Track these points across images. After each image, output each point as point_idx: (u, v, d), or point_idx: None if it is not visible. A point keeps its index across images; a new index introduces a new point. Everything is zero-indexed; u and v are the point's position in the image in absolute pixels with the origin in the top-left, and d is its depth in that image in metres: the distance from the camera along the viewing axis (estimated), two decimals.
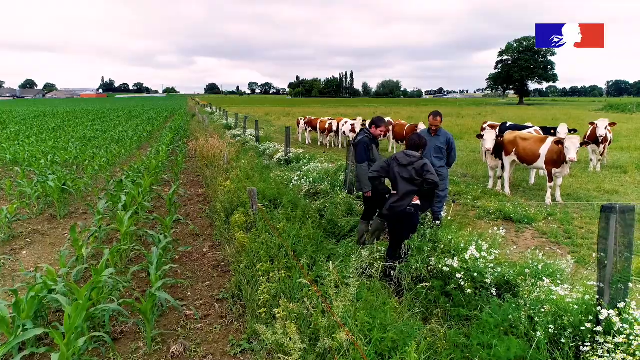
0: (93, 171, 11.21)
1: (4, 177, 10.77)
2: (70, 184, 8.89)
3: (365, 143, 6.41)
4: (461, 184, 12.26)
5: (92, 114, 43.46)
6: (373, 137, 6.36)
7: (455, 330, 3.80)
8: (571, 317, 3.37)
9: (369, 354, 2.85)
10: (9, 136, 21.42)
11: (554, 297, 3.57)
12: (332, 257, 4.89)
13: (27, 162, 11.97)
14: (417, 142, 5.10)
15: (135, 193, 7.80)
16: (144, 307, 3.82)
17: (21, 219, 8.25)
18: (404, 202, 4.79)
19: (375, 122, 6.48)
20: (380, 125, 6.33)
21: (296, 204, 6.16)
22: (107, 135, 21.70)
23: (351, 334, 2.85)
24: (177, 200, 9.13)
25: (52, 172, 10.19)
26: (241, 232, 5.56)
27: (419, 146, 5.11)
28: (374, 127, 6.36)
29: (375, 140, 6.46)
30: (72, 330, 3.28)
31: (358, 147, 6.50)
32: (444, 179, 6.47)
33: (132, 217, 6.44)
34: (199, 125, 28.25)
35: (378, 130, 6.32)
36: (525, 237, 8.24)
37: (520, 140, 10.63)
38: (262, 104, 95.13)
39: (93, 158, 13.19)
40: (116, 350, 3.89)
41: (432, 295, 4.41)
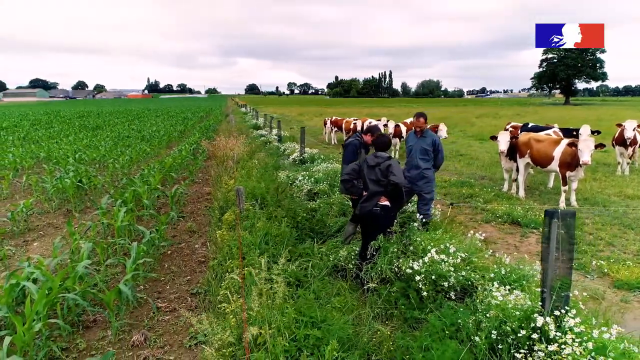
0: (114, 169, 11.77)
1: (32, 174, 11.48)
2: (85, 181, 9.40)
3: (355, 145, 6.43)
4: (476, 186, 12.01)
5: (133, 113, 45.31)
6: (364, 142, 6.36)
7: (403, 332, 3.81)
8: (513, 324, 3.31)
9: (290, 349, 2.92)
10: (51, 135, 22.72)
11: (497, 302, 3.50)
12: (295, 255, 4.97)
13: (56, 160, 12.71)
14: (385, 143, 5.10)
15: (142, 190, 8.15)
16: (107, 298, 4.06)
17: (39, 213, 8.80)
18: (371, 203, 4.81)
19: (370, 129, 6.43)
20: (374, 135, 6.26)
21: (280, 203, 6.27)
22: (140, 135, 22.60)
23: (273, 330, 2.93)
24: (185, 198, 9.45)
25: (75, 169, 10.78)
26: (223, 230, 5.73)
27: (386, 146, 5.10)
28: (369, 135, 6.32)
29: (366, 146, 6.44)
30: (32, 316, 3.53)
31: (347, 149, 6.53)
32: (429, 181, 6.39)
33: (129, 213, 6.75)
34: (229, 125, 28.90)
35: (370, 139, 6.29)
36: (529, 242, 8.02)
37: (535, 142, 10.29)
38: (299, 104, 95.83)
39: (118, 157, 13.83)
40: (83, 336, 4.15)
41: (393, 296, 4.41)
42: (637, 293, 5.92)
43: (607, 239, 7.80)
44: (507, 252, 7.59)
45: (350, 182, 5.14)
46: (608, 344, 2.86)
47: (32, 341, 3.51)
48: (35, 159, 14.06)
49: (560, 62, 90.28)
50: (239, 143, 12.14)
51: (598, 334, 3.02)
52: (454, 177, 13.37)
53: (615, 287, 6.11)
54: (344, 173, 5.32)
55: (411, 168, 6.45)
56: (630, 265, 6.50)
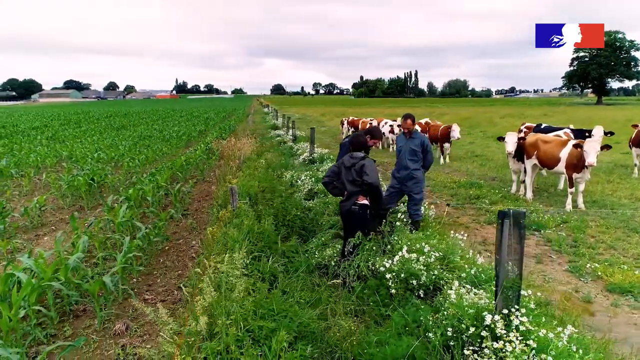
0: (128, 168, 12.21)
1: (53, 172, 12.04)
2: (96, 179, 9.82)
3: (347, 146, 6.52)
4: (485, 187, 11.91)
5: (158, 114, 46.44)
6: None
7: (367, 328, 3.92)
8: (467, 321, 3.38)
9: (243, 338, 3.08)
10: (77, 134, 23.61)
11: (453, 300, 3.57)
12: (278, 252, 5.13)
13: (75, 159, 13.28)
14: (362, 143, 5.20)
15: (147, 189, 8.48)
16: (92, 289, 4.32)
17: (53, 209, 9.25)
18: (349, 202, 4.92)
19: (370, 132, 6.29)
20: (374, 138, 6.20)
21: (271, 202, 6.45)
22: (162, 135, 23.23)
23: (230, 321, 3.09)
24: (192, 197, 9.75)
25: (91, 168, 11.26)
26: (214, 227, 5.95)
27: (362, 146, 5.20)
28: (368, 137, 6.25)
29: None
30: (18, 302, 3.81)
31: (342, 149, 6.62)
32: (418, 181, 6.43)
33: (132, 210, 7.06)
34: (247, 125, 29.32)
35: (370, 141, 6.27)
36: (528, 244, 7.94)
37: (542, 143, 10.15)
38: (323, 104, 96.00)
39: (135, 156, 14.32)
40: (71, 324, 4.42)
41: (367, 294, 4.52)
42: (628, 297, 5.84)
43: (609, 242, 7.67)
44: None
45: (330, 184, 5.25)
46: (550, 343, 2.91)
47: (17, 326, 3.80)
48: (58, 158, 14.70)
49: (592, 61, 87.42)
50: (247, 143, 12.40)
51: (545, 333, 3.07)
52: (464, 178, 13.27)
53: (608, 291, 6.03)
54: (325, 176, 5.44)
55: (400, 169, 6.51)
56: (625, 269, 6.39)
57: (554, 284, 6.35)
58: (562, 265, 6.97)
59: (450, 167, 15.47)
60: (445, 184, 12.78)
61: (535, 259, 7.23)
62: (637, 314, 5.45)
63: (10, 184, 11.49)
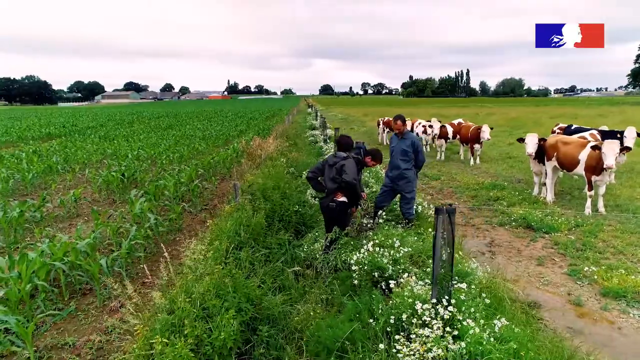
0: (161, 165, 13.08)
1: (94, 168, 13.13)
2: (126, 175, 10.66)
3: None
4: (508, 189, 11.74)
5: (205, 114, 48.30)
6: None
7: (327, 313, 4.23)
8: (404, 309, 3.61)
9: (198, 314, 3.49)
10: (127, 134, 25.21)
11: (397, 290, 3.80)
12: (265, 244, 5.52)
13: (117, 156, 14.35)
14: (345, 143, 5.46)
15: (169, 184, 9.15)
16: (93, 270, 4.90)
17: (89, 201, 10.16)
18: (328, 199, 5.22)
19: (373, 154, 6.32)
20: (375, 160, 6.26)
21: (268, 198, 6.84)
22: (203, 134, 24.34)
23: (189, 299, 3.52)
24: (213, 192, 10.37)
25: (127, 164, 12.18)
26: (215, 220, 6.42)
27: (347, 147, 5.46)
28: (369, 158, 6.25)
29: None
30: (27, 277, 4.44)
31: None
32: (409, 180, 6.59)
33: (149, 203, 7.71)
34: (284, 125, 29.99)
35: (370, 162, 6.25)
36: (535, 246, 7.90)
37: (561, 144, 9.93)
38: (370, 104, 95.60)
39: (173, 154, 15.24)
40: (78, 301, 5.04)
41: (336, 284, 4.82)
42: (620, 301, 5.75)
43: (619, 247, 7.48)
44: (507, 255, 7.59)
45: (314, 179, 5.57)
46: (467, 331, 3.10)
47: (26, 298, 4.43)
48: (103, 155, 15.91)
49: None
50: (272, 143, 12.90)
51: (468, 323, 3.25)
52: (489, 180, 13.11)
53: (601, 295, 5.97)
54: (308, 171, 5.77)
55: (392, 168, 6.71)
56: (623, 274, 6.26)
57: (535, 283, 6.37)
58: (562, 268, 6.91)
59: (479, 169, 15.27)
60: (469, 185, 12.69)
61: (537, 261, 7.20)
62: (623, 318, 5.40)
63: (57, 178, 12.65)
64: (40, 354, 4.06)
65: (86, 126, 32.04)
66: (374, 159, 6.21)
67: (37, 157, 14.64)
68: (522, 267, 7.08)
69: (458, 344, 3.06)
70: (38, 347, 4.18)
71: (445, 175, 14.39)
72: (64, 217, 8.90)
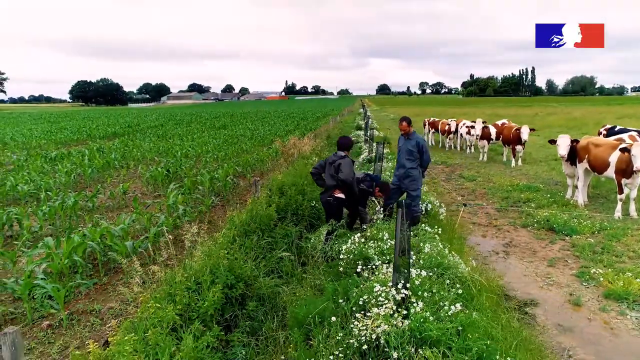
0: (205, 163, 14.09)
1: (146, 164, 14.37)
2: (171, 171, 11.68)
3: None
4: (542, 191, 11.57)
5: (260, 115, 49.96)
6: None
7: (311, 294, 4.72)
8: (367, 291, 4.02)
9: (191, 286, 4.10)
10: (182, 133, 26.89)
11: (366, 275, 4.20)
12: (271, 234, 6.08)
13: (166, 154, 15.58)
14: (343, 143, 5.88)
15: (203, 180, 9.99)
16: (120, 250, 5.69)
17: (139, 194, 11.25)
18: (326, 194, 5.67)
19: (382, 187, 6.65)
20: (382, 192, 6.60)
21: (285, 193, 7.38)
22: (253, 134, 25.47)
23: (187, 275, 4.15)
24: (248, 189, 11.13)
25: (174, 161, 13.27)
26: (236, 212, 7.07)
27: (345, 146, 5.87)
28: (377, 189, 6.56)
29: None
30: (67, 252, 5.29)
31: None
32: (414, 179, 6.88)
33: (183, 196, 8.54)
34: (331, 124, 30.54)
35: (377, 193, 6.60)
36: (552, 248, 7.91)
37: (593, 146, 9.71)
38: (426, 104, 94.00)
39: (218, 152, 16.29)
40: (110, 277, 5.86)
41: (329, 272, 5.29)
42: (621, 304, 5.75)
43: (639, 252, 7.32)
44: (521, 255, 7.65)
45: (316, 175, 6.05)
46: (414, 312, 3.47)
47: (66, 270, 5.28)
48: (156, 153, 17.27)
49: None
50: (307, 143, 13.47)
51: (422, 305, 3.62)
52: (524, 182, 12.92)
53: (604, 297, 5.99)
54: (313, 167, 6.25)
55: (399, 167, 7.03)
56: (630, 277, 6.20)
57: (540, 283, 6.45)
58: (572, 270, 6.92)
59: (518, 171, 15.01)
60: (503, 186, 12.60)
61: (548, 263, 7.23)
62: (619, 320, 5.43)
63: (114, 173, 14.00)
64: (72, 317, 4.87)
65: (148, 125, 34.42)
66: (381, 191, 6.60)
67: (99, 154, 16.21)
68: (532, 267, 7.15)
69: (403, 321, 3.44)
70: (71, 310, 5.00)
71: (482, 177, 14.30)
72: (113, 207, 9.98)
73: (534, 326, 5.36)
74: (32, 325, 4.79)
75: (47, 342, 4.47)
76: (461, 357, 3.20)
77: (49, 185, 10.74)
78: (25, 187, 10.35)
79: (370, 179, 6.47)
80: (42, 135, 27.51)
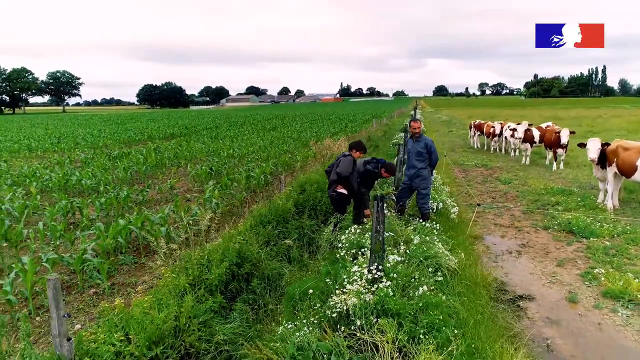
0: (247, 162, 15.13)
1: (194, 163, 15.65)
2: (214, 169, 12.77)
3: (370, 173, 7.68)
4: (575, 194, 11.49)
5: (310, 117, 51.07)
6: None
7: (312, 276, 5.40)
8: (348, 272, 4.63)
9: (204, 263, 4.90)
10: (233, 134, 28.39)
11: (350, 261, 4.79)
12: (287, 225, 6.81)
13: (214, 154, 16.82)
14: (350, 144, 6.51)
15: (242, 177, 10.93)
16: (156, 234, 6.63)
17: (185, 190, 12.42)
18: (330, 189, 6.33)
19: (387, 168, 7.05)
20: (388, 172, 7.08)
21: (306, 190, 8.09)
22: (298, 135, 26.46)
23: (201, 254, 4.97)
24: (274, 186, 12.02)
25: (218, 161, 14.40)
26: (262, 204, 7.89)
27: (351, 147, 6.50)
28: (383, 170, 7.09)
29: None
30: (112, 234, 6.31)
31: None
32: (424, 178, 7.34)
33: (220, 191, 9.49)
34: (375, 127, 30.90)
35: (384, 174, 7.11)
36: (567, 249, 8.06)
37: (621, 150, 9.63)
38: (484, 106, 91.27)
39: (262, 152, 17.33)
40: (148, 258, 6.84)
41: (329, 258, 5.93)
42: (616, 302, 5.93)
43: None
44: (533, 255, 7.86)
45: (328, 172, 6.72)
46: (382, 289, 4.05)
47: (111, 249, 6.29)
48: (205, 153, 18.62)
49: None
50: (341, 145, 14.10)
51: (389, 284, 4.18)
52: (559, 185, 12.82)
53: (602, 295, 6.18)
54: (328, 166, 6.94)
55: (409, 168, 7.51)
56: (630, 278, 6.33)
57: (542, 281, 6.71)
58: (579, 270, 7.08)
59: (558, 174, 14.81)
60: (536, 189, 12.60)
61: (557, 263, 7.42)
62: (609, 316, 5.64)
63: (165, 171, 15.38)
64: (113, 287, 5.85)
65: (203, 127, 36.49)
66: (387, 171, 7.08)
67: (154, 153, 17.77)
68: (540, 266, 7.38)
69: (371, 297, 4.03)
70: (112, 282, 6.00)
71: (518, 180, 14.28)
72: (160, 201, 11.15)
73: (522, 318, 5.71)
74: (82, 292, 5.82)
75: (91, 305, 5.46)
76: (413, 326, 3.75)
77: (108, 180, 12.16)
78: (88, 182, 11.81)
79: (375, 161, 7.00)
80: (109, 135, 30.10)
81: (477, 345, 3.71)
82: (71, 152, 21.35)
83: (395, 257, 4.65)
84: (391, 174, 7.20)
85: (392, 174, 7.23)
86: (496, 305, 5.96)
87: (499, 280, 6.87)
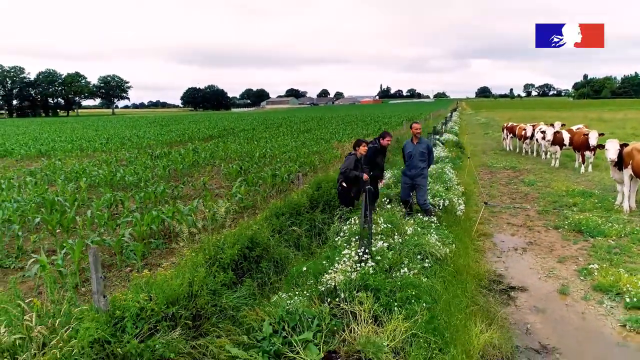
0: (276, 162, 16.02)
1: (228, 162, 16.69)
2: (244, 168, 13.71)
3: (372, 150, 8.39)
4: (595, 196, 11.59)
5: (345, 119, 51.65)
6: (381, 147, 8.37)
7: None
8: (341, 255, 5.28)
9: (221, 245, 5.69)
10: (268, 136, 29.47)
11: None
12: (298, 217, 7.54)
13: (247, 154, 17.84)
14: (354, 143, 7.17)
15: (268, 175, 11.78)
16: (181, 220, 7.53)
17: (216, 186, 13.40)
18: (337, 183, 7.03)
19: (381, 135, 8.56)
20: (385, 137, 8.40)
21: (321, 186, 8.78)
22: (330, 137, 27.18)
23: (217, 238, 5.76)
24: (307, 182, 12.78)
25: (248, 161, 15.36)
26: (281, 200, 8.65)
27: (354, 146, 7.17)
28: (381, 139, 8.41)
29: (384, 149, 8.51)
30: (147, 221, 7.25)
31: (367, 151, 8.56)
32: (425, 176, 7.94)
33: (246, 187, 10.36)
34: (407, 129, 31.12)
35: (386, 141, 8.36)
36: (571, 247, 8.36)
37: (636, 152, 9.74)
38: (528, 107, 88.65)
39: (292, 153, 18.20)
40: (176, 242, 7.75)
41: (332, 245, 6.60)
42: (605, 295, 6.26)
43: None
44: (537, 252, 8.20)
45: None
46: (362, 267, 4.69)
47: (146, 235, 7.23)
48: (239, 153, 19.69)
49: None
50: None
51: (372, 264, 4.81)
52: (582, 187, 12.90)
53: (592, 288, 6.52)
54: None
55: (412, 168, 8.04)
56: (621, 273, 6.61)
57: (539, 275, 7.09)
58: (578, 266, 7.39)
59: (584, 177, 14.80)
60: (558, 191, 12.74)
61: (558, 259, 7.75)
62: (594, 307, 6.01)
63: (201, 169, 16.50)
64: (146, 266, 6.76)
65: (241, 129, 37.92)
66: (384, 137, 8.31)
67: (192, 153, 19.00)
68: (541, 262, 7.74)
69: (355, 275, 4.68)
70: (146, 262, 6.92)
71: (542, 182, 14.39)
72: (193, 196, 12.16)
73: (510, 305, 6.16)
74: (120, 270, 6.78)
75: (127, 280, 6.38)
76: (389, 299, 4.37)
77: (148, 177, 13.34)
78: (130, 178, 13.03)
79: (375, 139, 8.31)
80: (153, 136, 31.96)
81: (442, 318, 4.28)
82: (117, 152, 23.02)
83: (384, 243, 5.27)
84: (389, 136, 8.29)
85: (389, 136, 8.31)
86: (487, 293, 6.45)
87: (497, 272, 7.31)
